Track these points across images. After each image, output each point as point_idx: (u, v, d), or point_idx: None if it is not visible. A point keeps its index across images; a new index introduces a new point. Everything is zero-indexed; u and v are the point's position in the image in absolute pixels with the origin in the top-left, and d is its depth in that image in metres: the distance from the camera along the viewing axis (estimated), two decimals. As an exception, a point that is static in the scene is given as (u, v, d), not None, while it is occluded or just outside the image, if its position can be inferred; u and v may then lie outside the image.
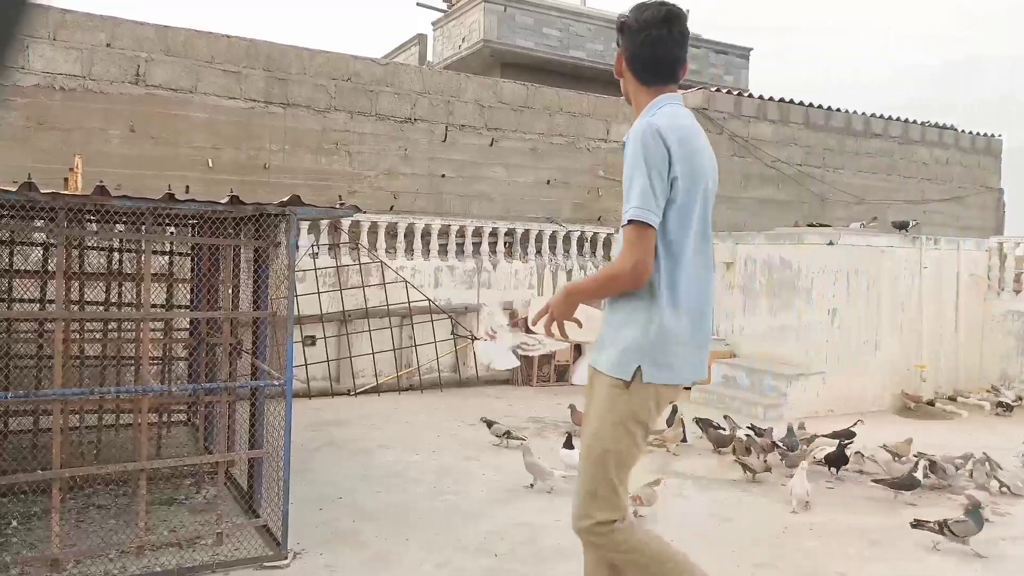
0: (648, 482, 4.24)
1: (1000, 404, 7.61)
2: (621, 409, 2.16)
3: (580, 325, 2.25)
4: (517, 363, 5.19)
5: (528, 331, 5.53)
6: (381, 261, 8.11)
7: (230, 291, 4.08)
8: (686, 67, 2.33)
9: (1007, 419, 7.34)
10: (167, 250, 5.16)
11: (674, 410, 5.83)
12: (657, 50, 2.24)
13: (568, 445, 4.93)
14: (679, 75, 2.31)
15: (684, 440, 5.85)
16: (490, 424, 5.82)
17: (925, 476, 4.74)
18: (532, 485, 4.68)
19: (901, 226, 8.62)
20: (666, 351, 2.15)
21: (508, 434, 5.69)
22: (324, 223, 7.88)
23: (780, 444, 5.41)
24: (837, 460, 5.09)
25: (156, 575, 3.26)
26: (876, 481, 4.84)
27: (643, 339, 2.14)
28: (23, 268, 4.81)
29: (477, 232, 8.96)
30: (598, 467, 2.19)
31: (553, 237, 9.37)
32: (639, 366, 2.13)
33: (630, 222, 2.08)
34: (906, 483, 4.66)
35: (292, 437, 3.59)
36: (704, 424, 5.92)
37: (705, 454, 5.70)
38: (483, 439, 5.84)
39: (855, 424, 5.83)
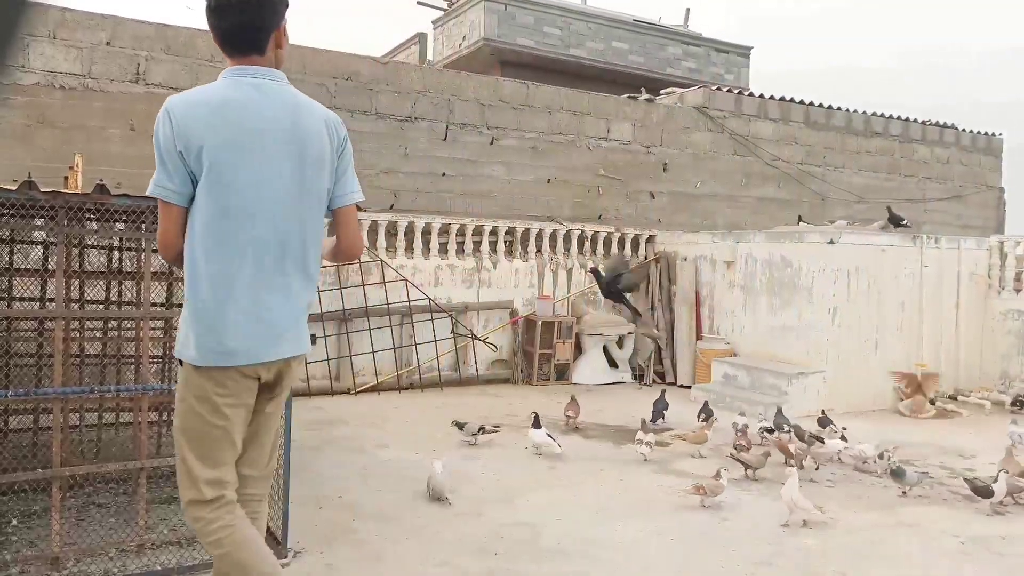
0: (713, 474, 4.55)
1: (1016, 401, 7.68)
2: (181, 385, 2.18)
3: None
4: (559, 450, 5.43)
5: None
6: (381, 260, 8.11)
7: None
8: (280, 35, 2.17)
9: (1012, 415, 7.32)
10: (167, 249, 5.14)
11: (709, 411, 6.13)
12: (221, 19, 2.11)
13: (536, 425, 5.49)
14: (262, 43, 2.13)
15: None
16: (461, 426, 5.79)
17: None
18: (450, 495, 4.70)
19: (896, 220, 8.61)
20: (204, 330, 2.10)
21: (482, 430, 5.71)
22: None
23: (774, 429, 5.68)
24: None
25: (156, 573, 3.26)
26: (968, 482, 4.72)
27: (184, 317, 2.15)
28: (23, 267, 4.81)
29: (477, 231, 8.95)
30: (177, 443, 2.21)
31: (553, 235, 9.36)
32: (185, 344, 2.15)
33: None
34: (983, 491, 4.54)
35: (292, 436, 3.59)
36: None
37: (704, 453, 5.69)
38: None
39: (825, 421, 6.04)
